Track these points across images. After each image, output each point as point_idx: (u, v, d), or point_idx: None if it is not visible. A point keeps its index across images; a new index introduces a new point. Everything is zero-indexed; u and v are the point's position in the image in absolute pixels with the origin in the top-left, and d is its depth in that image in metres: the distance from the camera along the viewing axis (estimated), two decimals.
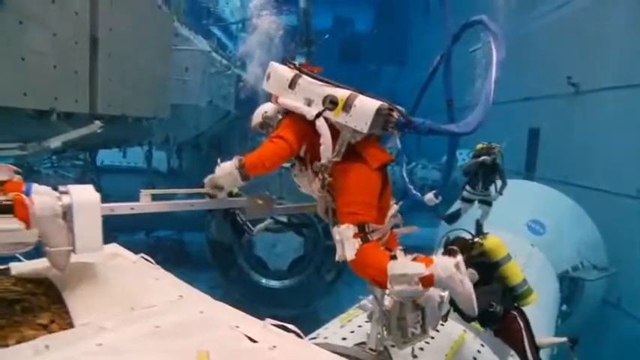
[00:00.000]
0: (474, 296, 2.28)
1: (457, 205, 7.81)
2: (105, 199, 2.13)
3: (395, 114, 2.56)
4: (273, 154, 2.56)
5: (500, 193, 6.90)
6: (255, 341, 1.66)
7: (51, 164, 11.12)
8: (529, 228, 8.97)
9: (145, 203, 2.33)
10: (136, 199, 2.47)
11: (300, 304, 10.60)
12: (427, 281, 2.27)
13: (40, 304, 1.92)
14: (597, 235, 9.97)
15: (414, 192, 5.48)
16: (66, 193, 2.02)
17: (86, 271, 2.09)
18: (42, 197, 1.90)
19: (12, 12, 4.67)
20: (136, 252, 2.59)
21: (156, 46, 9.55)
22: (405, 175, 6.55)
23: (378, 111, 2.47)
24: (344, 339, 3.36)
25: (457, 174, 17.87)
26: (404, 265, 2.31)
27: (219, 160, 2.65)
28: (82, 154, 10.81)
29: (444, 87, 4.06)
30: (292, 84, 2.70)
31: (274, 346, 1.63)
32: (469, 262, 3.12)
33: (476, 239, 3.44)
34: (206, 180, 2.66)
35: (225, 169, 2.56)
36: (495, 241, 3.43)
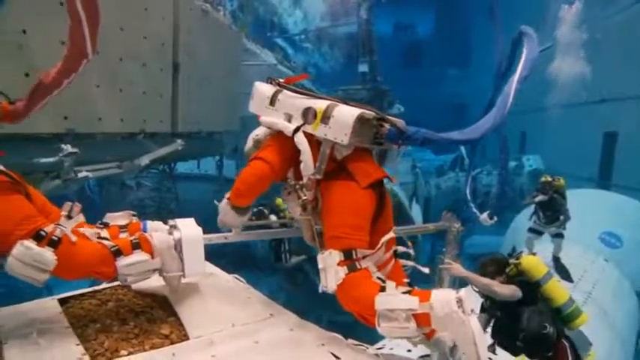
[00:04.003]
0: (479, 342, 1.85)
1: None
2: (181, 203, 2.50)
3: (386, 125, 2.31)
4: (250, 177, 2.35)
5: (563, 228, 6.84)
6: (338, 358, 1.96)
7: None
8: (603, 241, 8.54)
9: (236, 234, 2.70)
10: (207, 202, 2.75)
11: None
12: (422, 320, 1.90)
13: (159, 316, 2.34)
14: None
15: (474, 210, 5.50)
16: (174, 226, 2.43)
17: (193, 289, 2.50)
18: (159, 233, 2.34)
19: (115, 51, 5.39)
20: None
21: (227, 63, 10.26)
22: (468, 189, 6.58)
23: (362, 120, 2.24)
24: (409, 351, 3.56)
25: (523, 180, 17.22)
26: (393, 298, 1.95)
27: (216, 202, 2.52)
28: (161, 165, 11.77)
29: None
30: (273, 100, 2.54)
31: None
32: (510, 281, 2.98)
33: (510, 260, 3.21)
34: (219, 222, 2.54)
35: (223, 209, 2.45)
36: (532, 260, 3.22)
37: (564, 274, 6.89)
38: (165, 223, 2.51)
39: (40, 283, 1.94)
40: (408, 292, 1.96)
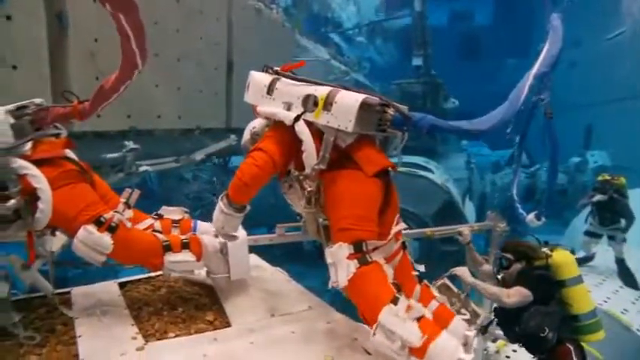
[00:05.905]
0: None
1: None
2: None
3: (390, 111, 2.18)
4: (252, 169, 2.17)
5: (626, 230, 6.19)
6: (369, 354, 2.03)
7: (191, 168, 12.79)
8: None
9: (280, 235, 2.83)
10: (260, 196, 2.78)
11: None
12: (417, 353, 1.82)
13: (205, 303, 2.53)
14: None
15: (520, 211, 5.17)
16: None
17: (237, 280, 2.66)
18: (207, 236, 2.50)
19: (173, 51, 5.71)
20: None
21: (280, 60, 10.44)
22: (514, 189, 6.18)
23: (364, 106, 2.10)
24: None
25: (586, 177, 16.17)
26: (398, 322, 1.83)
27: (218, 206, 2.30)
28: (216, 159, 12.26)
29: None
30: (270, 89, 2.40)
31: None
32: (528, 275, 2.78)
33: (544, 249, 2.95)
34: (220, 234, 2.39)
35: (219, 216, 2.25)
36: (566, 256, 2.93)
37: (629, 278, 6.41)
38: None
39: (99, 264, 2.18)
40: (419, 319, 1.85)
